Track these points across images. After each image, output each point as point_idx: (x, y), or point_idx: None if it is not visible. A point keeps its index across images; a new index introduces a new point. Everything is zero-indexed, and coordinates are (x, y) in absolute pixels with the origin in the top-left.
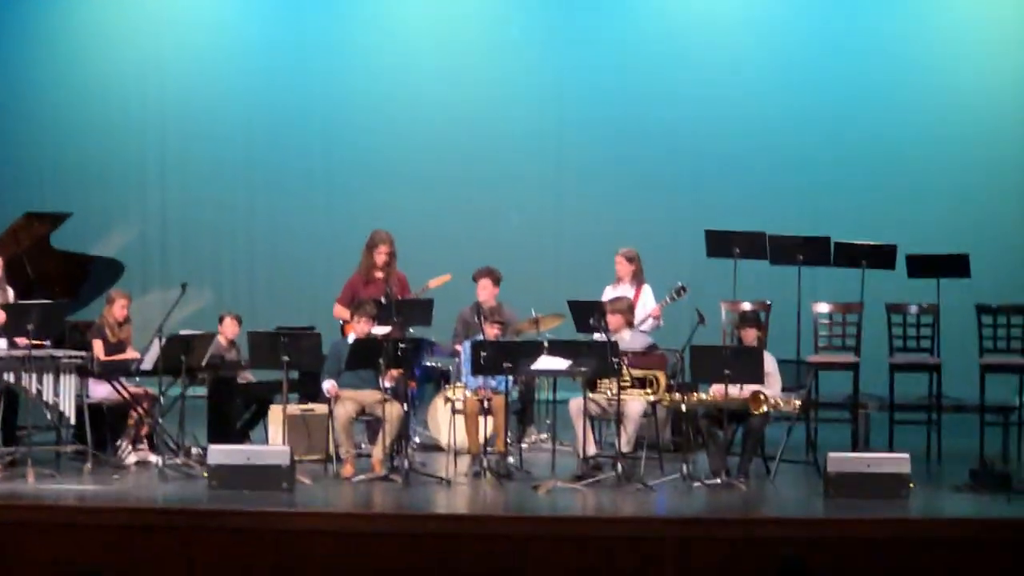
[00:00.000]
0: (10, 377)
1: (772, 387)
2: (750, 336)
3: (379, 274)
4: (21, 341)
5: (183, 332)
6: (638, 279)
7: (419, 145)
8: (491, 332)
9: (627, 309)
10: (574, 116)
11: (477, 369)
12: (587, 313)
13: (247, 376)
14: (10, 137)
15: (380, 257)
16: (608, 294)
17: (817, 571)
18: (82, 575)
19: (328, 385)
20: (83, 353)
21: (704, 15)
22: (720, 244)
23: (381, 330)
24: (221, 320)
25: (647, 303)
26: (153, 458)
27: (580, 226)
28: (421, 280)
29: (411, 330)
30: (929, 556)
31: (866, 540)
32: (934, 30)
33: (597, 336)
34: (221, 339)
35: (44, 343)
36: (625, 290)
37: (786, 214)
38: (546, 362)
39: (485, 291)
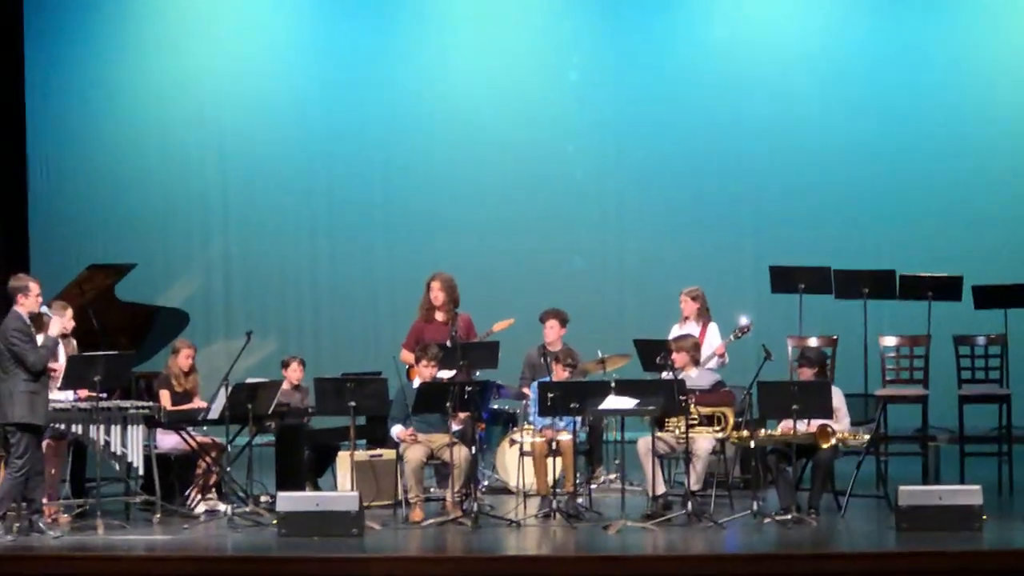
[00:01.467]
0: (78, 429)
1: (840, 421)
2: (805, 375)
3: (439, 316)
4: (83, 393)
5: (249, 380)
6: (704, 317)
7: (480, 189)
8: (561, 374)
9: (693, 347)
10: (632, 155)
11: (544, 410)
12: (653, 352)
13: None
14: (74, 191)
15: (435, 296)
16: (675, 333)
17: None
18: None
19: (398, 430)
20: (150, 403)
21: (761, 49)
22: (784, 279)
23: (446, 374)
24: (286, 365)
25: (713, 341)
26: (222, 507)
27: (643, 266)
28: (487, 325)
29: (478, 373)
30: None
31: (940, 573)
32: (995, 55)
33: (664, 375)
34: (287, 384)
35: (103, 395)
36: (691, 328)
37: (850, 247)
38: (613, 402)
39: (552, 331)
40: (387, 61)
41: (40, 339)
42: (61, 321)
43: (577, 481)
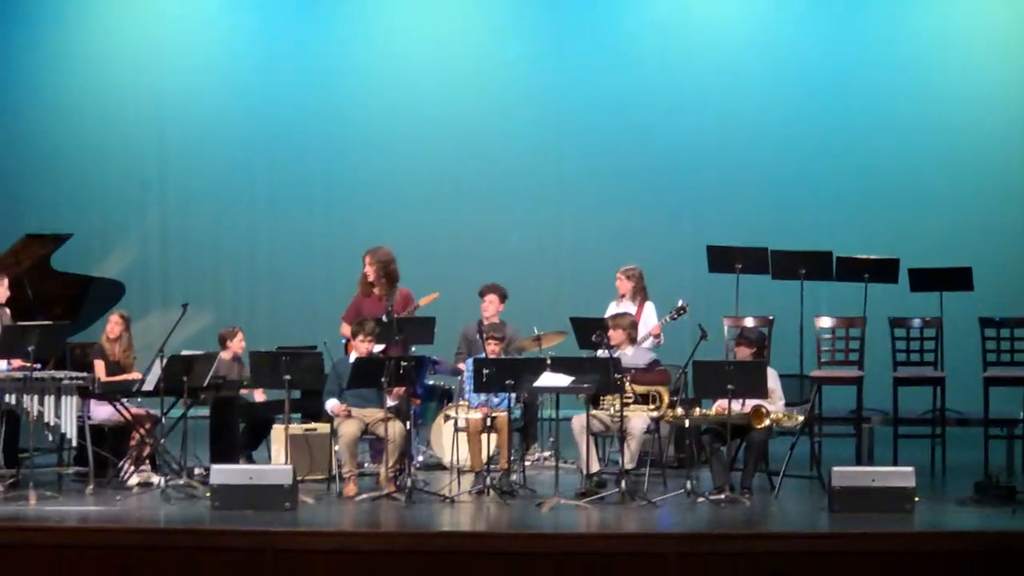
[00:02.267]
0: (11, 399)
1: (775, 402)
2: (743, 354)
3: (376, 290)
4: (17, 363)
5: (185, 352)
6: (640, 296)
7: (419, 162)
8: (492, 349)
9: (630, 325)
10: (574, 132)
11: (480, 386)
12: (590, 330)
13: (261, 395)
14: (8, 160)
15: (368, 271)
16: (612, 311)
17: None
18: None
19: (333, 404)
20: (84, 374)
21: (703, 28)
22: (722, 259)
23: (381, 349)
24: (232, 335)
25: (649, 320)
26: (156, 479)
27: (581, 243)
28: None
29: (413, 348)
30: (934, 570)
31: (871, 554)
32: (931, 39)
33: (600, 353)
34: (228, 355)
35: (37, 365)
36: (628, 307)
37: (787, 229)
38: (549, 379)
39: (492, 306)
40: (328, 32)
41: None
42: None
43: (511, 458)
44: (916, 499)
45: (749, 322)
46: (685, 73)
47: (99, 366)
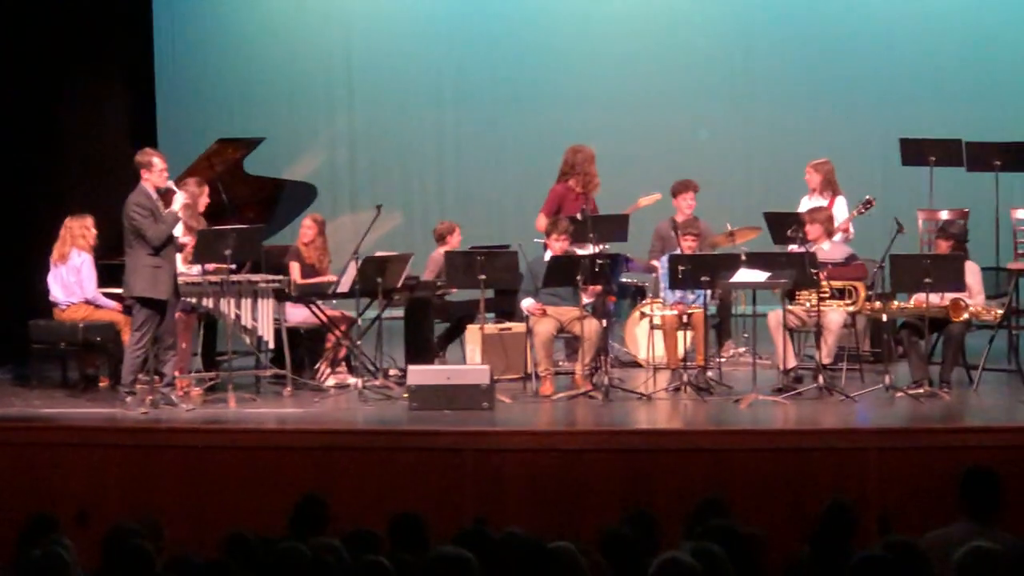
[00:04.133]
0: (209, 303)
1: (974, 297)
2: (943, 248)
3: (579, 189)
4: (211, 267)
5: (378, 253)
6: (831, 190)
7: (608, 63)
8: (688, 245)
9: (827, 219)
10: (761, 27)
11: (675, 283)
12: (785, 225)
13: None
14: (201, 64)
15: (568, 169)
16: (805, 205)
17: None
18: (310, 502)
19: (530, 303)
20: (280, 277)
21: None
22: (915, 152)
23: (579, 248)
24: (451, 231)
25: (840, 214)
26: (351, 381)
27: (770, 139)
28: (610, 198)
29: (607, 246)
30: None
31: None
32: None
33: (793, 248)
34: (441, 251)
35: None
36: (819, 201)
37: (980, 120)
38: (745, 275)
39: (685, 203)
40: None
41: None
42: (184, 197)
43: (707, 355)
44: None
45: (944, 215)
46: None
47: (294, 269)
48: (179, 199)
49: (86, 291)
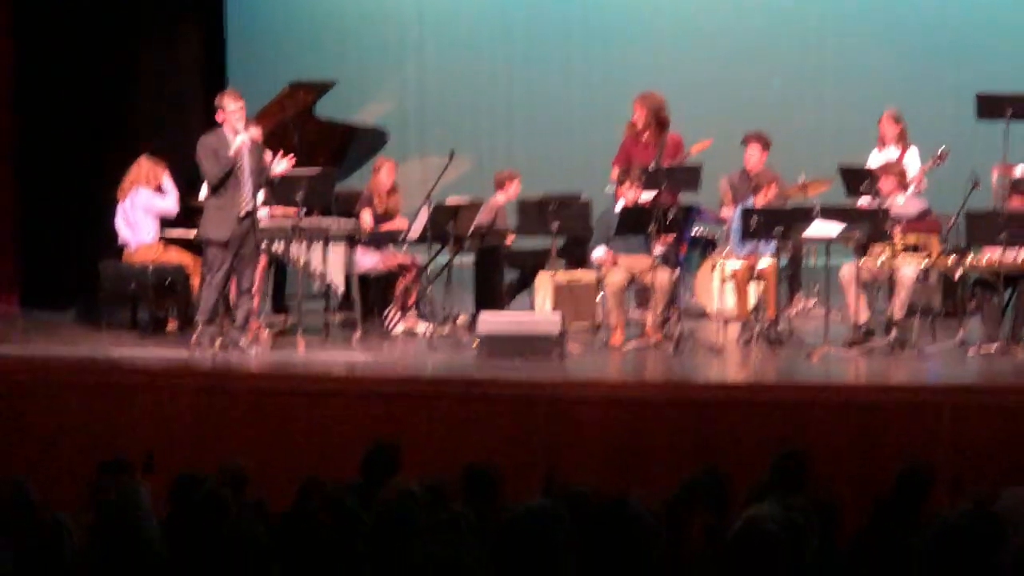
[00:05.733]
0: (280, 247)
1: None
2: (1017, 204)
3: (646, 136)
4: (279, 211)
5: (450, 200)
6: (903, 141)
7: (680, 9)
8: (763, 197)
9: (900, 174)
10: None
11: (747, 235)
12: (859, 178)
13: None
14: (270, 7)
15: (639, 116)
16: (874, 158)
17: None
18: (382, 448)
19: (602, 253)
20: (352, 221)
21: None
22: (991, 106)
23: (649, 196)
24: (512, 179)
25: (912, 165)
26: (421, 326)
27: (842, 89)
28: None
29: (680, 195)
30: None
31: None
32: None
33: (862, 201)
34: (499, 198)
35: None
36: (890, 152)
37: None
38: (819, 228)
39: (754, 154)
40: None
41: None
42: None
43: (779, 307)
44: None
45: (1020, 171)
46: None
47: (366, 214)
48: (238, 140)
49: (164, 206)
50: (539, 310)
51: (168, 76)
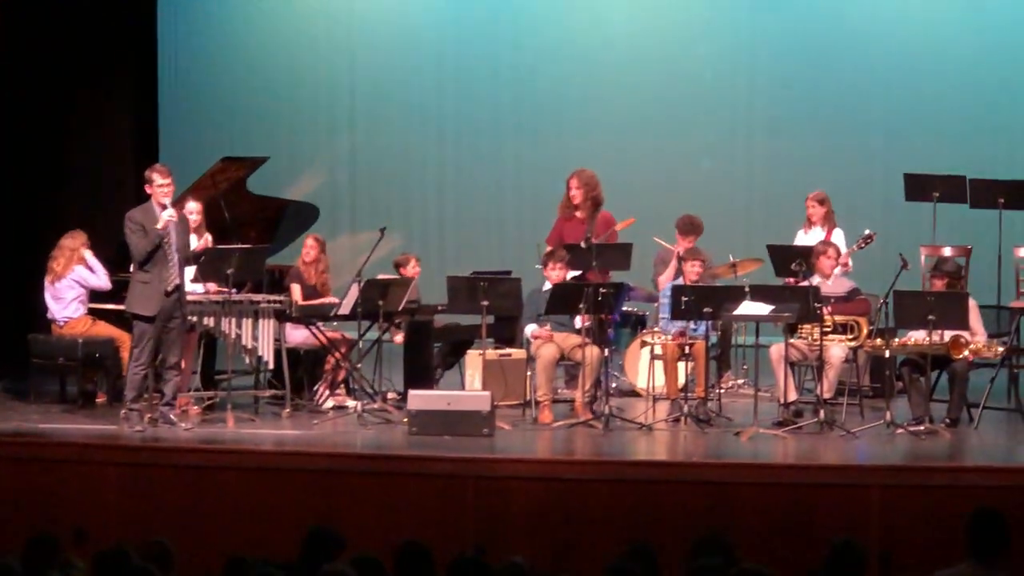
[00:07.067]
0: (210, 321)
1: (976, 334)
2: (937, 286)
3: (579, 214)
4: (212, 287)
5: (381, 276)
6: (829, 222)
7: (608, 91)
8: (693, 270)
9: (835, 254)
10: (765, 59)
11: (677, 314)
12: (789, 258)
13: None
14: (203, 82)
15: (575, 193)
16: (800, 239)
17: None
18: (315, 534)
19: (536, 328)
20: (281, 297)
21: None
22: (919, 187)
23: (575, 275)
24: (405, 263)
25: (839, 247)
26: (350, 403)
27: (770, 171)
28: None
29: (611, 274)
30: None
31: None
32: None
33: (789, 281)
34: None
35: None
36: (817, 234)
37: (982, 157)
38: (749, 307)
39: (683, 242)
40: None
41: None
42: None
43: (708, 386)
44: None
45: (947, 251)
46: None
47: (295, 290)
48: (164, 216)
49: (98, 283)
50: (469, 387)
51: (100, 150)
